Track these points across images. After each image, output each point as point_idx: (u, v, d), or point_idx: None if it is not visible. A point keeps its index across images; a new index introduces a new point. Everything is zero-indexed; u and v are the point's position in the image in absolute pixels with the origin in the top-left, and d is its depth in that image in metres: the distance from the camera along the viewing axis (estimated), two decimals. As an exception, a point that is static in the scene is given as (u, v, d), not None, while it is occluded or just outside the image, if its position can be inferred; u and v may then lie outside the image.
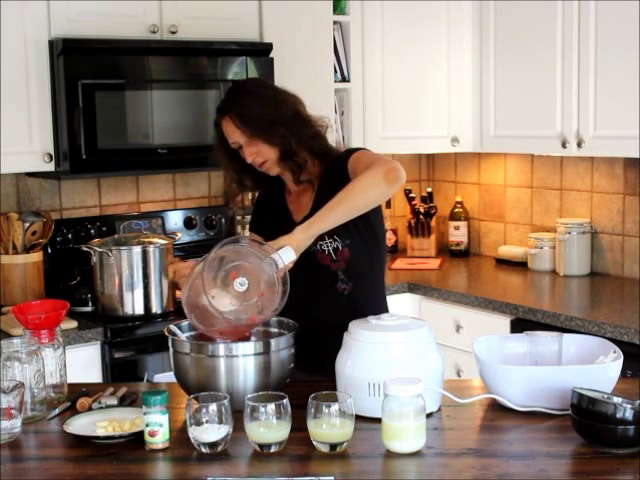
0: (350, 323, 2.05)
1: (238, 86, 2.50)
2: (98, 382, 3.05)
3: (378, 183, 2.17)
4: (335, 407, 1.79)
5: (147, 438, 1.82)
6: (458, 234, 4.41)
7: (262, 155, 2.35)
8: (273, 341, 2.06)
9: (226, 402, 1.81)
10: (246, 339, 2.18)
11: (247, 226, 2.95)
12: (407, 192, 4.45)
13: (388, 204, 4.42)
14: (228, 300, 2.07)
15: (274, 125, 2.32)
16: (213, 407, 1.80)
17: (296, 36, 3.77)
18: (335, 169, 2.35)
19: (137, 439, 1.85)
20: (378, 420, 1.80)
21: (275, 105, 2.35)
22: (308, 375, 2.28)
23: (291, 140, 2.34)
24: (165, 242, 3.34)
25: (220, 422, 1.79)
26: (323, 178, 2.39)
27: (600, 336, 2.43)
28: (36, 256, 3.43)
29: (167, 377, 2.49)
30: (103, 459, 1.79)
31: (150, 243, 3.31)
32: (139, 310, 3.29)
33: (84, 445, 1.86)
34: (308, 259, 2.26)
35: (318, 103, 2.54)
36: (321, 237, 2.31)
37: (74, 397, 2.11)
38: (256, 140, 2.33)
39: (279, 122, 2.33)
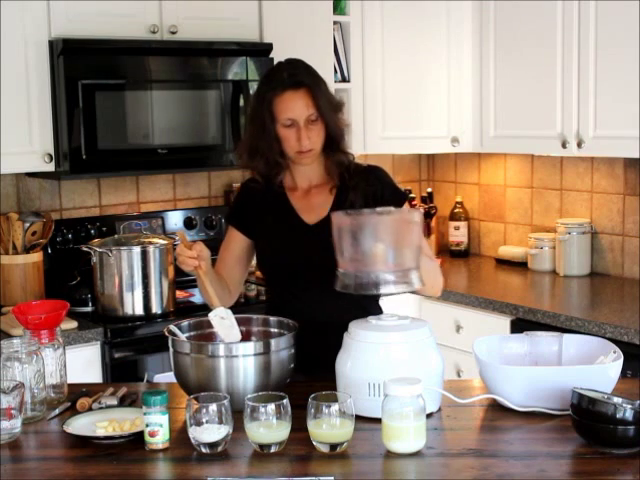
0: (350, 323, 2.05)
1: (300, 64, 2.40)
2: (98, 382, 3.05)
3: (436, 291, 2.36)
4: (335, 407, 1.79)
5: (147, 438, 1.82)
6: (458, 234, 4.41)
7: (314, 142, 2.33)
8: (273, 341, 2.06)
9: (226, 402, 1.81)
10: (246, 339, 2.19)
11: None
12: (407, 192, 4.44)
13: (388, 204, 4.41)
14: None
15: (337, 116, 2.36)
16: (213, 407, 1.80)
17: (296, 36, 3.77)
18: (367, 184, 2.39)
19: (137, 439, 1.85)
20: (378, 420, 1.80)
21: (335, 98, 2.41)
22: (308, 375, 2.27)
23: (344, 137, 2.39)
24: (165, 242, 3.34)
25: (220, 422, 1.79)
26: (347, 185, 2.39)
27: (600, 336, 2.44)
28: (36, 256, 3.43)
29: (167, 377, 2.49)
30: (103, 459, 1.79)
31: (150, 243, 3.31)
32: (139, 310, 3.29)
33: (84, 445, 1.86)
34: (329, 262, 2.26)
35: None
36: None
37: (74, 397, 2.11)
38: (318, 124, 2.32)
39: (340, 116, 2.38)
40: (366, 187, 2.39)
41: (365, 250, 1.96)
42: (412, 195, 4.43)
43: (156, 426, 1.81)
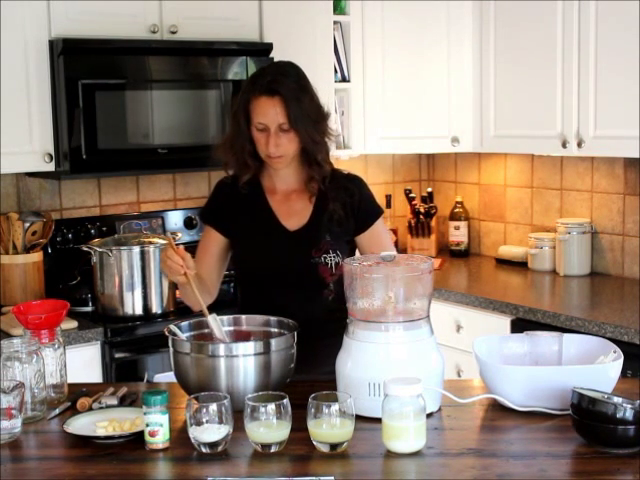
0: (350, 323, 2.05)
1: (287, 71, 2.36)
2: (98, 382, 3.05)
3: None
4: (335, 407, 1.79)
5: (147, 438, 1.82)
6: (458, 234, 4.41)
7: (284, 149, 2.31)
8: (273, 341, 2.06)
9: (226, 402, 1.81)
10: (246, 339, 2.19)
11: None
12: (407, 192, 4.45)
13: (389, 204, 4.42)
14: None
15: (315, 129, 2.32)
16: (213, 407, 1.80)
17: (296, 36, 3.77)
18: (346, 193, 2.39)
19: (137, 439, 1.85)
20: (378, 420, 1.80)
21: (319, 110, 2.36)
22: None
23: (322, 150, 2.35)
24: (165, 242, 3.34)
25: (220, 422, 1.79)
26: (327, 192, 2.39)
27: (600, 336, 2.43)
28: (36, 256, 3.43)
29: (167, 377, 2.49)
30: (103, 459, 1.79)
31: (150, 243, 3.31)
32: (139, 310, 3.29)
33: (84, 445, 1.86)
34: (308, 268, 2.25)
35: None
36: (326, 251, 2.31)
37: (74, 397, 2.11)
38: (291, 133, 2.29)
39: (319, 128, 2.33)
40: (345, 196, 2.39)
41: (376, 300, 1.98)
42: (412, 195, 4.44)
43: (156, 426, 1.81)
